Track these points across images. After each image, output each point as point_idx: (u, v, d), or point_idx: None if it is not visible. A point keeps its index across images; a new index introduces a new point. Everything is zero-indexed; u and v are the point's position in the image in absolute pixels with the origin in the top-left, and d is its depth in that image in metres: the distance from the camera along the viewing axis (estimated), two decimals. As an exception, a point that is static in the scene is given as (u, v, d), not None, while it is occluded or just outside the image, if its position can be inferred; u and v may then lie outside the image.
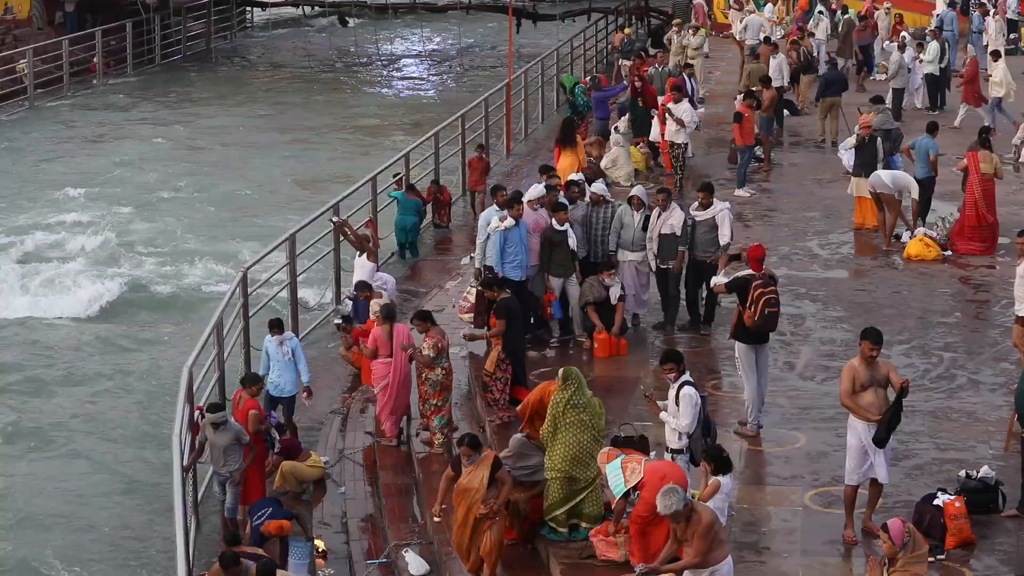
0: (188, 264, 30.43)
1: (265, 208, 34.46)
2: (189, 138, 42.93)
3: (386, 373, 18.60)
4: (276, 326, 19.16)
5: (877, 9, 42.70)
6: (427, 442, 18.19)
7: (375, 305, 20.08)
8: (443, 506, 14.99)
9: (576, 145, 26.72)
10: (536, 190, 21.10)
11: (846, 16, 41.41)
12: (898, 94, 34.37)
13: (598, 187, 21.59)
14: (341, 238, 23.70)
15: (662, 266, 20.56)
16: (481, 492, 14.34)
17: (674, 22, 42.90)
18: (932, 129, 25.87)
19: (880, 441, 14.29)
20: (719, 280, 18.26)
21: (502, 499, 14.41)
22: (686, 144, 28.08)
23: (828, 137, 32.07)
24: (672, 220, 20.41)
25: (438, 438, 17.99)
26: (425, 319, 18.29)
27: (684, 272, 20.60)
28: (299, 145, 41.92)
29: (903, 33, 37.81)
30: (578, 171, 24.57)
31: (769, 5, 46.10)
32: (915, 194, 24.45)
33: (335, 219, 23.45)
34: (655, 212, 20.62)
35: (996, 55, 34.78)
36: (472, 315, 20.39)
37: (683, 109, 27.89)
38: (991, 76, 33.76)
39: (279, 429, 18.27)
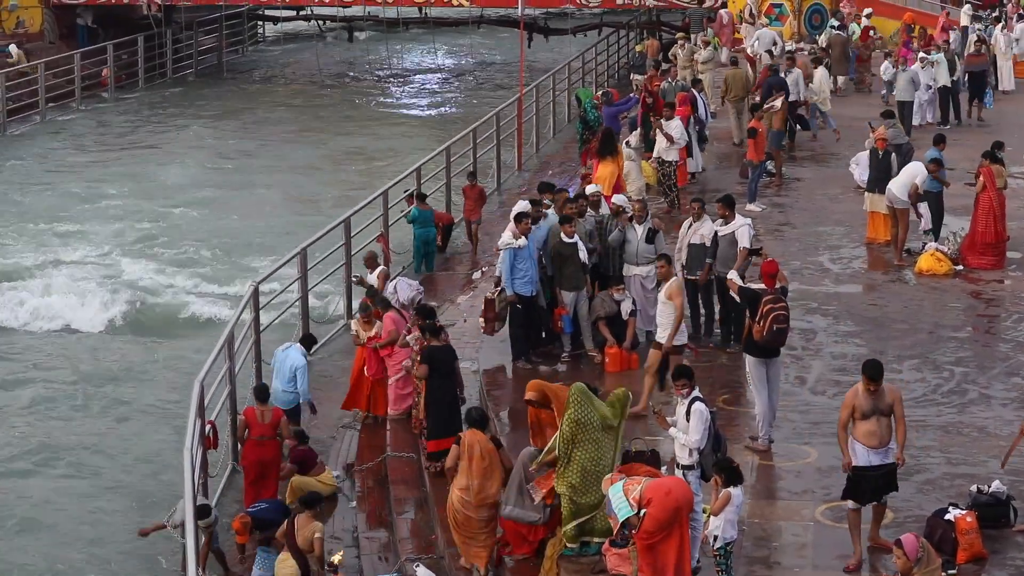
0: (199, 278, 30.50)
1: (277, 222, 34.51)
2: (200, 152, 43.00)
3: (406, 357, 19.04)
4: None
5: (953, 29, 42.58)
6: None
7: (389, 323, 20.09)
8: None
9: (617, 154, 26.67)
10: (522, 205, 21.23)
11: (838, 34, 41.13)
12: (906, 107, 34.20)
13: (619, 199, 21.61)
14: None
15: (689, 277, 20.55)
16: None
17: (678, 36, 42.92)
18: (938, 141, 25.91)
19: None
20: (734, 277, 18.26)
21: (448, 462, 15.48)
22: (676, 161, 28.05)
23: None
24: (703, 230, 20.41)
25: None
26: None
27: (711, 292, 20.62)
28: (310, 158, 41.98)
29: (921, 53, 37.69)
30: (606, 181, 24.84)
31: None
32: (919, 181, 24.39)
33: (355, 277, 23.64)
34: (686, 222, 20.68)
35: (817, 62, 35.09)
36: (484, 320, 20.70)
37: (673, 126, 27.93)
38: (810, 84, 34.21)
39: (301, 437, 18.31)
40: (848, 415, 14.31)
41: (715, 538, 13.71)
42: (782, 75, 32.58)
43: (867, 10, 44.00)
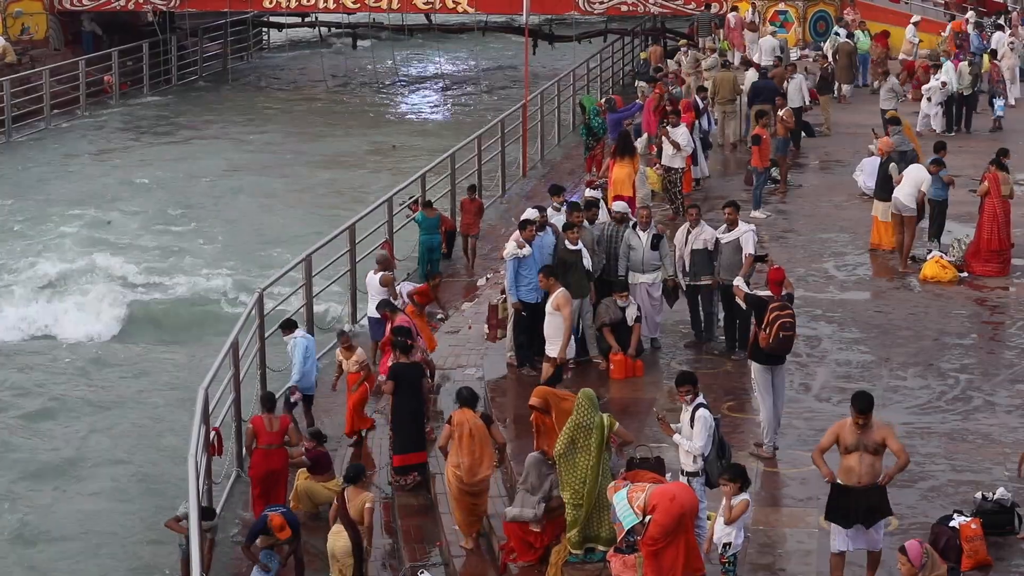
0: (204, 284, 30.51)
1: (282, 228, 34.53)
2: (205, 158, 43.01)
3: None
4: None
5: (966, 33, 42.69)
6: None
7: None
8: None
9: (635, 155, 26.64)
10: (530, 212, 21.24)
11: (846, 42, 41.02)
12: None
13: (620, 206, 21.63)
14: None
15: (692, 283, 20.56)
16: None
17: (680, 43, 42.90)
18: (938, 149, 25.91)
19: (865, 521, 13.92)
20: (740, 284, 18.25)
21: (440, 441, 16.25)
22: (682, 168, 28.07)
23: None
24: (704, 235, 20.45)
25: None
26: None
27: (713, 294, 20.63)
28: (316, 165, 41.98)
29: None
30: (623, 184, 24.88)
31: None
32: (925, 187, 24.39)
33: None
34: (682, 229, 20.70)
35: (750, 65, 35.22)
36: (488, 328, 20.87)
37: (679, 133, 27.94)
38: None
39: (318, 437, 18.27)
40: (830, 443, 13.89)
41: (725, 546, 13.66)
42: (786, 80, 32.59)
43: (915, 18, 44.07)
